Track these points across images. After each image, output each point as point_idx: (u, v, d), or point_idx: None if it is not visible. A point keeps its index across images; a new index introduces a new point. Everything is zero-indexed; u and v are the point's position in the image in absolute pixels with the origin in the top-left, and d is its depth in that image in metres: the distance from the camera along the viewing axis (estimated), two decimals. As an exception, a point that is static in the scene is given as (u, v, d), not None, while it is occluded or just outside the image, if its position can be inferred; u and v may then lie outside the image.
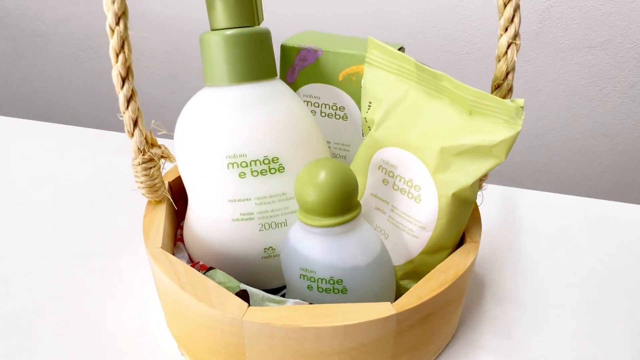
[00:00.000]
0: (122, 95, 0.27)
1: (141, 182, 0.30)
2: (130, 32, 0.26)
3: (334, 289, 0.26)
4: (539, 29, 0.81)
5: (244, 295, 0.26)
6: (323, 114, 0.33)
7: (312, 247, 0.25)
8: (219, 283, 0.26)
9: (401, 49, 0.32)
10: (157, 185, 0.30)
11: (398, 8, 0.80)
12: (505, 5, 0.25)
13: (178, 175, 0.34)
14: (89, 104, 1.08)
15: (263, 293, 0.26)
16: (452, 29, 0.81)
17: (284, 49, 0.33)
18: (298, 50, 0.32)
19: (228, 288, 0.26)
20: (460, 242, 0.29)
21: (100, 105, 1.07)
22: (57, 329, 0.32)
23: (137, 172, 0.29)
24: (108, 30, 0.25)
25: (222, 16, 0.27)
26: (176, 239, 0.33)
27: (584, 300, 0.35)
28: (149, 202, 0.31)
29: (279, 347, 0.24)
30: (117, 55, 0.26)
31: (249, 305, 0.24)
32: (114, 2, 0.25)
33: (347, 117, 0.33)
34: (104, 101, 1.05)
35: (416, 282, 0.29)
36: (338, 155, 0.34)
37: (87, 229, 0.41)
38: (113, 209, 0.44)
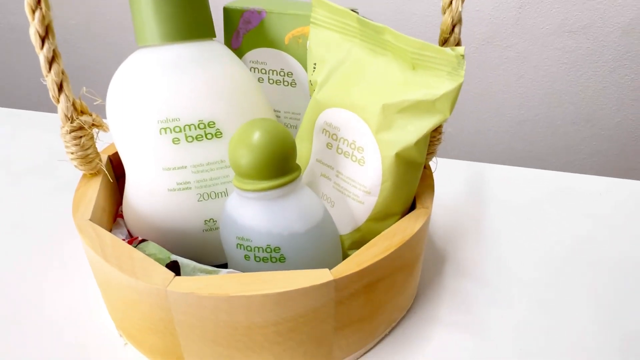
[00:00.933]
0: (42, 56, 0.25)
1: (72, 153, 0.28)
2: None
3: (271, 258, 0.24)
4: (519, 14, 0.80)
5: (174, 266, 0.24)
6: (271, 81, 0.32)
7: (247, 214, 0.24)
8: (149, 255, 0.24)
9: (354, 11, 0.30)
10: (91, 156, 0.28)
11: None
12: (446, -50, 0.23)
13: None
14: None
15: (195, 264, 0.24)
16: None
17: (226, 11, 0.31)
18: (241, 12, 0.30)
19: (158, 260, 0.24)
20: (412, 209, 0.28)
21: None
22: (-10, 312, 0.30)
23: (66, 141, 0.27)
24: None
25: (151, -30, 0.25)
26: (117, 215, 0.31)
27: (547, 273, 0.34)
28: (84, 175, 0.29)
29: (208, 320, 0.22)
30: (34, 12, 0.24)
31: (177, 275, 0.22)
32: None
33: (295, 84, 0.31)
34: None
35: (364, 252, 0.27)
36: (289, 125, 0.33)
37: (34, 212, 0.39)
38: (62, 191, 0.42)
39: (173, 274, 0.22)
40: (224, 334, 0.22)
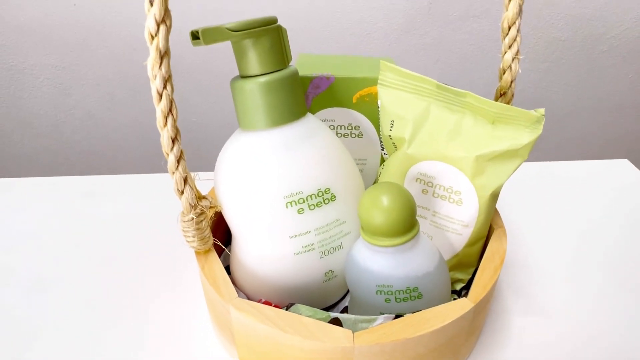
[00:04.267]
0: (172, 156, 0.26)
1: (193, 236, 0.29)
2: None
3: (411, 297, 0.29)
4: (430, 3, 0.89)
5: (337, 322, 0.28)
6: (339, 134, 0.36)
7: (386, 264, 0.28)
8: (309, 317, 0.27)
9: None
10: (207, 235, 0.30)
11: None
12: (509, 28, 0.29)
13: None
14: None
15: (354, 317, 0.28)
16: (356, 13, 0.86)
17: (296, 79, 0.34)
18: (311, 79, 0.33)
19: (320, 319, 0.28)
20: (485, 229, 0.34)
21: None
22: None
23: (188, 227, 0.29)
24: (154, 94, 0.25)
25: (255, 63, 0.28)
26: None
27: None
28: (198, 253, 0.31)
29: (384, 360, 0.26)
30: (166, 118, 0.25)
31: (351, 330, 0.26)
32: (160, 66, 0.24)
33: (362, 135, 0.35)
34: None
35: (460, 272, 0.33)
36: (356, 170, 0.37)
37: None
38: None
39: (350, 330, 0.26)
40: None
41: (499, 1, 0.89)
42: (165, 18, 0.23)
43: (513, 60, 0.30)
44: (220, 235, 0.37)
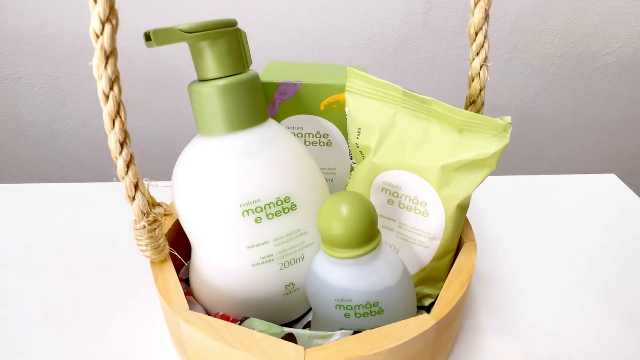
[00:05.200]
0: (121, 160, 0.25)
1: (145, 245, 0.28)
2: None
3: (371, 312, 0.27)
4: (425, 19, 0.89)
5: (291, 338, 0.26)
6: (307, 143, 0.35)
7: (344, 277, 0.27)
8: (262, 332, 0.26)
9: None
10: (162, 244, 0.29)
11: (294, 8, 0.83)
12: (476, 34, 0.28)
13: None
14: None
15: (309, 332, 0.27)
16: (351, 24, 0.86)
17: (262, 85, 0.33)
18: (277, 85, 0.33)
19: (272, 334, 0.26)
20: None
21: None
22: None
23: (140, 235, 0.28)
24: (101, 96, 0.24)
25: (213, 66, 0.27)
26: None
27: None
28: (153, 262, 0.30)
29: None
30: (113, 121, 0.24)
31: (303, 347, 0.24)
32: (106, 67, 0.23)
33: (331, 143, 0.34)
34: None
35: (428, 286, 0.32)
36: (326, 179, 0.36)
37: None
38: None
39: (302, 347, 0.24)
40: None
41: (493, 15, 0.89)
42: (110, 17, 0.22)
43: (481, 67, 0.29)
44: (183, 246, 0.36)
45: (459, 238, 0.31)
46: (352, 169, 0.35)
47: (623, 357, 0.32)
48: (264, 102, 0.29)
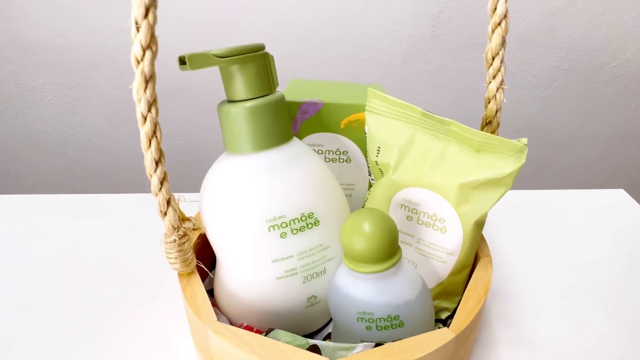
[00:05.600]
0: (155, 177, 0.27)
1: (175, 258, 0.30)
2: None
3: (392, 325, 0.28)
4: (433, 32, 0.90)
5: (315, 349, 0.28)
6: (327, 159, 0.36)
7: (367, 291, 0.28)
8: (287, 343, 0.27)
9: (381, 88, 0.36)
10: (190, 257, 0.30)
11: (305, 20, 0.85)
12: (493, 58, 0.29)
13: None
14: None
15: (333, 344, 0.28)
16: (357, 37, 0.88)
17: (284, 104, 0.34)
18: (299, 104, 0.34)
19: (298, 346, 0.27)
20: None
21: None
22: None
23: (170, 249, 0.29)
24: (139, 117, 0.25)
25: (242, 88, 0.28)
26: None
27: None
28: (181, 275, 0.31)
29: (362, 390, 0.26)
30: (150, 141, 0.26)
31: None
32: (145, 90, 0.25)
33: (350, 160, 0.36)
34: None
35: (446, 300, 0.33)
36: (345, 194, 0.37)
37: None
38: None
39: (328, 358, 0.25)
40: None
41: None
42: (151, 44, 0.24)
43: (497, 90, 0.30)
44: (207, 258, 0.37)
45: (475, 253, 0.32)
46: (370, 185, 0.37)
47: (634, 371, 0.33)
48: (288, 122, 0.30)
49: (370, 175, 0.35)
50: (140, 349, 0.35)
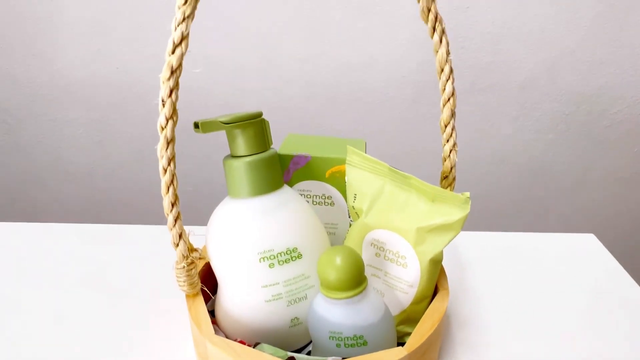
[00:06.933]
0: (171, 216, 0.34)
1: (183, 282, 0.36)
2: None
3: (357, 343, 0.34)
4: (437, 78, 0.97)
5: (293, 360, 0.34)
6: (315, 203, 0.43)
7: (337, 314, 0.34)
8: (270, 354, 0.33)
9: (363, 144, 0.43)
10: (196, 281, 0.37)
11: (318, 67, 0.92)
12: (445, 126, 0.36)
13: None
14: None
15: (307, 357, 0.34)
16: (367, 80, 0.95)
17: (279, 156, 0.41)
18: (292, 157, 0.41)
19: (279, 357, 0.33)
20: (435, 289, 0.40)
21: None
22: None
23: (180, 274, 0.36)
24: (161, 170, 0.32)
25: (242, 146, 0.35)
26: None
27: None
28: (188, 296, 0.38)
29: (328, 395, 0.32)
30: (168, 188, 0.33)
31: (302, 368, 0.32)
32: (167, 149, 0.32)
33: (333, 204, 0.42)
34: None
35: (409, 326, 0.39)
36: (329, 233, 0.43)
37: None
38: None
39: (301, 367, 0.32)
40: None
41: (503, 78, 0.96)
42: (173, 115, 0.31)
43: (450, 151, 0.37)
44: (212, 283, 0.43)
45: (434, 286, 0.38)
46: (350, 225, 0.43)
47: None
48: (280, 172, 0.37)
49: (349, 217, 0.41)
50: (154, 355, 0.41)
